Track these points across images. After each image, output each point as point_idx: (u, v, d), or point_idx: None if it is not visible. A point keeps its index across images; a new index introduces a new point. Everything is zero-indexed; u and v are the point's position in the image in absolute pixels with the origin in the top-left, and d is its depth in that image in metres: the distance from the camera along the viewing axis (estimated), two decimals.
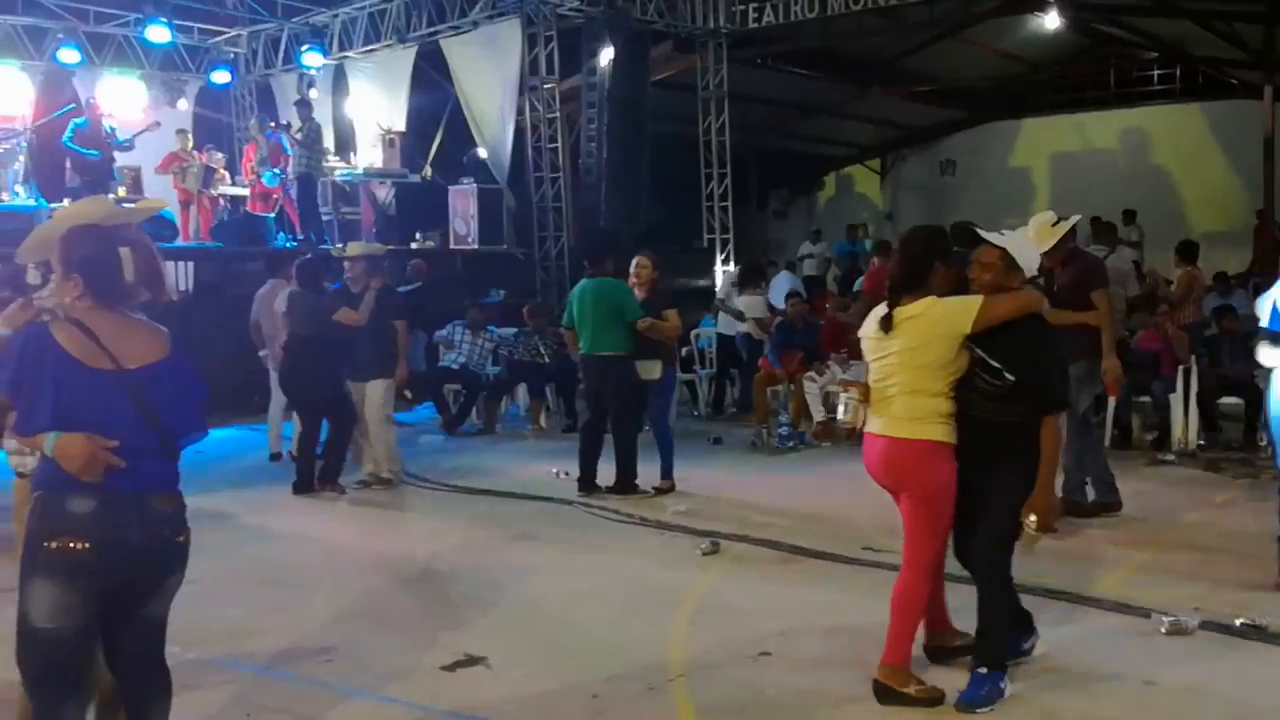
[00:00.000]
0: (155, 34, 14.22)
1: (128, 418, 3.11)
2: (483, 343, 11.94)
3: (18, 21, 14.48)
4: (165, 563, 3.23)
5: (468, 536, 7.19)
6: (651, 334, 8.09)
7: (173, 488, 3.26)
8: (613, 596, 5.79)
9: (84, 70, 14.78)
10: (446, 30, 15.17)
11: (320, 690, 4.57)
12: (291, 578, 6.20)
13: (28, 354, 3.10)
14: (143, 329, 3.25)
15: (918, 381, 4.19)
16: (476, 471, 9.29)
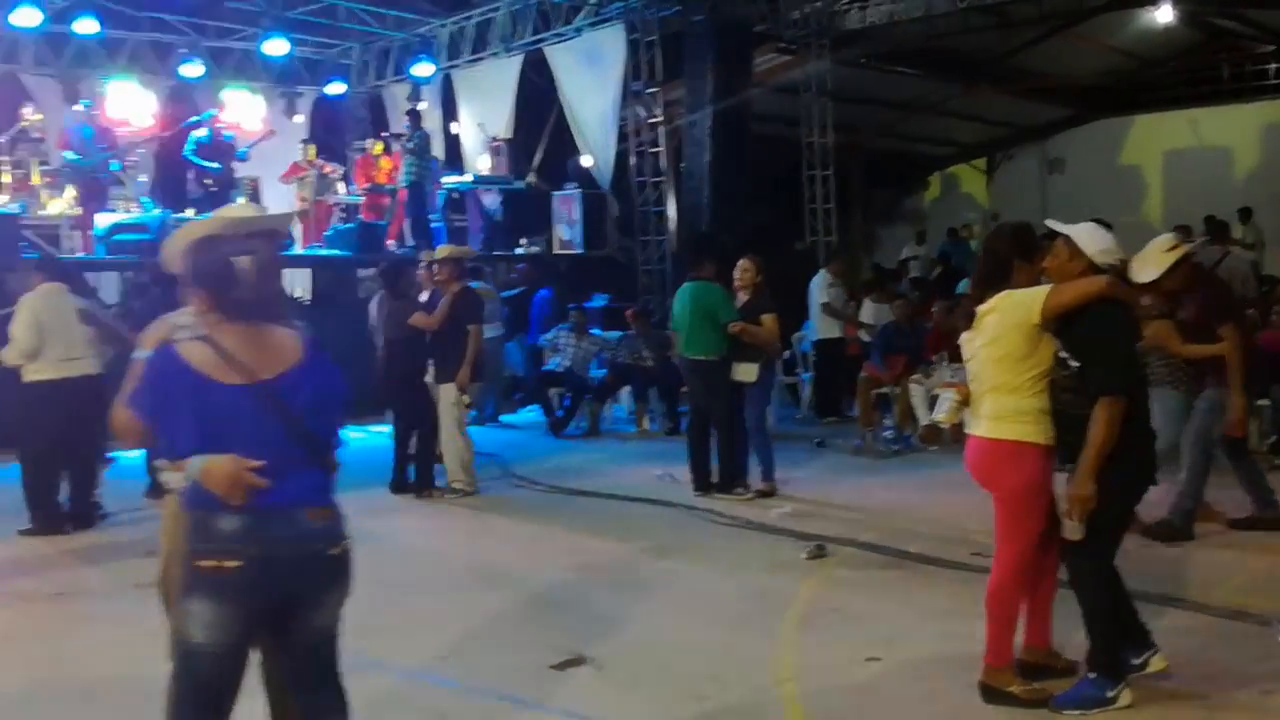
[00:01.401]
0: (274, 47, 14.67)
1: (271, 430, 3.02)
2: (587, 346, 12.12)
3: (144, 37, 15.09)
4: (321, 578, 3.10)
5: (573, 538, 7.31)
6: (744, 338, 8.12)
7: (325, 499, 3.13)
8: (719, 599, 5.84)
9: (205, 84, 15.34)
10: (551, 38, 15.40)
11: (435, 687, 4.70)
12: (401, 578, 6.28)
13: (157, 377, 3.07)
14: (274, 335, 3.14)
15: (998, 377, 4.22)
16: (581, 473, 9.41)
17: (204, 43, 15.28)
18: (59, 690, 4.77)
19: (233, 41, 15.88)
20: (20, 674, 4.96)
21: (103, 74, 14.62)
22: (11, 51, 14.24)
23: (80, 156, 12.53)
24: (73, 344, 7.55)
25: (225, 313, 3.09)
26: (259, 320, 3.13)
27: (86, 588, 6.45)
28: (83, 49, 14.43)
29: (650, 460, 9.76)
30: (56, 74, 14.26)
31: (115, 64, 14.90)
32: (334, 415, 3.21)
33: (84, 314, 7.66)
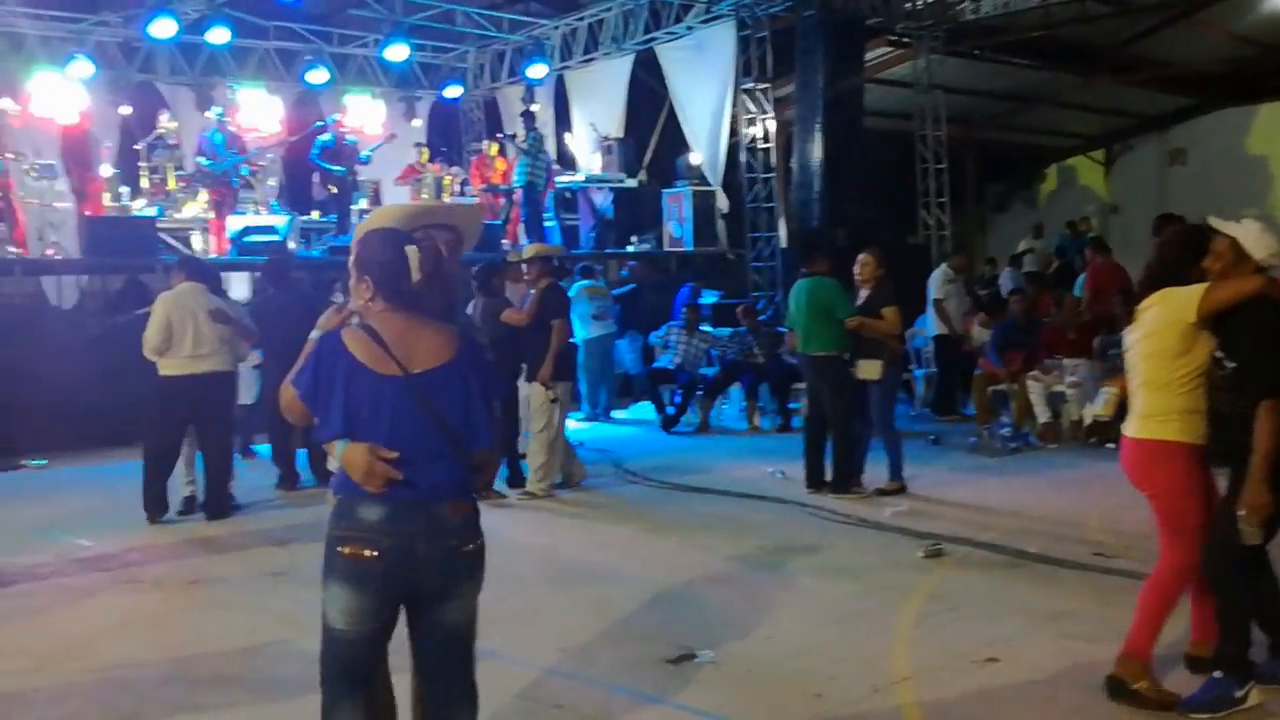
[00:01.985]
0: (395, 53, 15.06)
1: (415, 423, 3.07)
2: (697, 343, 12.20)
3: (270, 45, 15.63)
4: (454, 572, 3.14)
5: (685, 534, 7.36)
6: (863, 332, 8.07)
7: (463, 495, 3.18)
8: (834, 597, 5.85)
9: (329, 90, 15.84)
10: (662, 37, 15.50)
11: (552, 679, 4.78)
12: (516, 571, 6.35)
13: (321, 361, 3.12)
14: (431, 330, 3.18)
15: (1150, 372, 4.19)
16: (692, 470, 9.46)
17: (328, 50, 15.76)
18: (196, 673, 4.99)
19: (355, 48, 16.35)
20: (159, 657, 5.21)
21: (233, 82, 15.20)
22: (149, 62, 14.89)
23: (213, 162, 13.05)
24: (201, 341, 7.85)
25: (389, 302, 3.17)
26: (421, 313, 3.19)
27: (220, 575, 6.70)
28: (214, 58, 15.02)
29: (761, 457, 9.79)
30: (190, 82, 14.89)
31: (244, 72, 15.48)
32: (479, 413, 3.19)
33: (216, 313, 7.93)
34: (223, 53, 14.97)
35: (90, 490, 9.28)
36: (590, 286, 12.37)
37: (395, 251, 3.16)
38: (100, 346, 10.64)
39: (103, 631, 5.63)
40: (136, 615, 5.95)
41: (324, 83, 15.49)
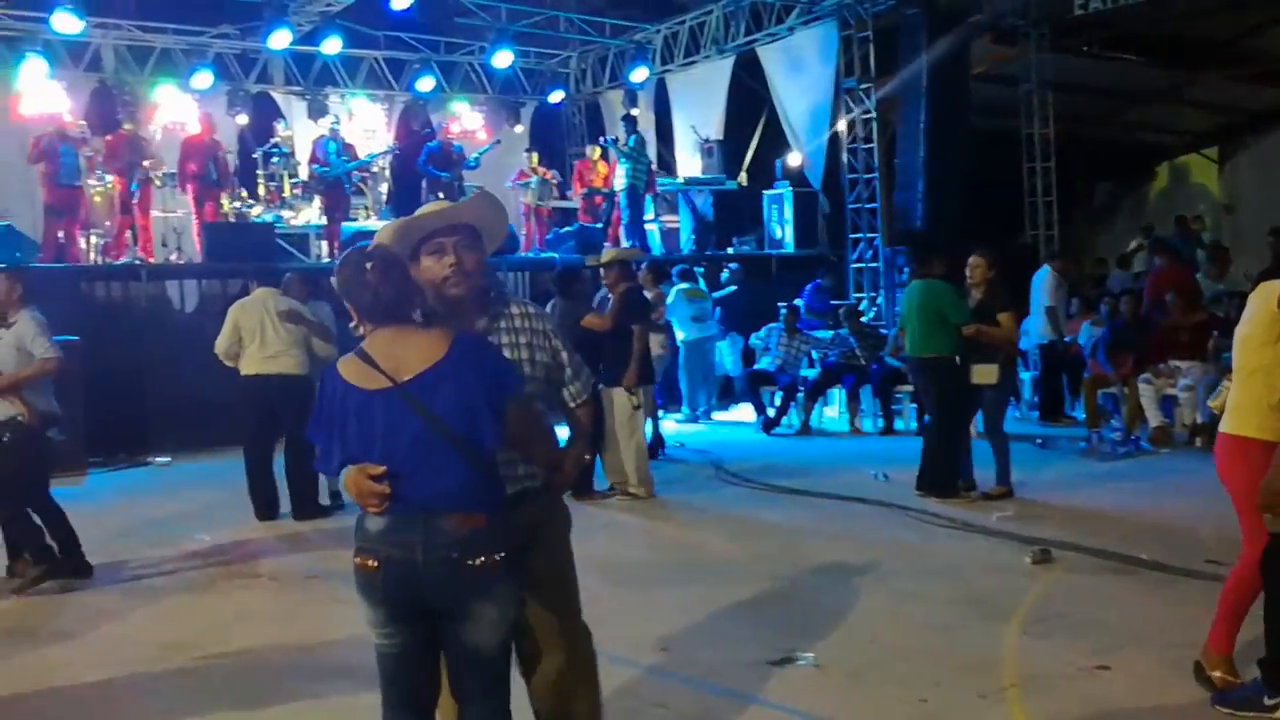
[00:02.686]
0: (500, 59, 15.34)
1: (407, 432, 2.94)
2: (798, 344, 12.17)
3: (380, 55, 16.04)
4: (459, 588, 2.95)
5: (787, 536, 7.36)
6: (981, 338, 7.99)
7: (469, 504, 2.97)
8: (939, 601, 5.81)
9: (436, 97, 16.20)
10: (763, 38, 15.51)
11: (655, 678, 4.84)
12: (616, 571, 6.39)
13: (323, 395, 3.07)
14: (417, 335, 3.04)
15: (1239, 359, 4.19)
16: (793, 472, 9.44)
17: (435, 58, 16.12)
18: (313, 664, 5.18)
19: (461, 56, 16.69)
20: (277, 648, 5.42)
21: (344, 91, 15.64)
22: (265, 72, 15.41)
23: (326, 169, 13.44)
24: (270, 343, 8.10)
25: (370, 320, 3.08)
26: (397, 322, 3.06)
27: (333, 570, 6.82)
28: (326, 68, 15.48)
29: (863, 460, 9.74)
30: (304, 92, 15.35)
31: (355, 81, 15.91)
32: (483, 413, 2.98)
33: (290, 314, 8.15)
34: (334, 62, 15.41)
35: (210, 487, 9.63)
36: (689, 289, 12.43)
37: (354, 270, 3.05)
38: None
39: (224, 623, 5.87)
40: (255, 608, 6.19)
41: (431, 90, 15.84)
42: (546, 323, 3.49)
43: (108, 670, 5.14)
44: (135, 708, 4.75)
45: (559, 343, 3.48)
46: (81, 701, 4.83)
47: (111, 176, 12.74)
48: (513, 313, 3.44)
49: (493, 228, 3.47)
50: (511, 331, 3.41)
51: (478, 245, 3.34)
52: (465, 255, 3.28)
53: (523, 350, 3.40)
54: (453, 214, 3.36)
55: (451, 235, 3.28)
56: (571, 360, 3.50)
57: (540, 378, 3.43)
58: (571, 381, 3.51)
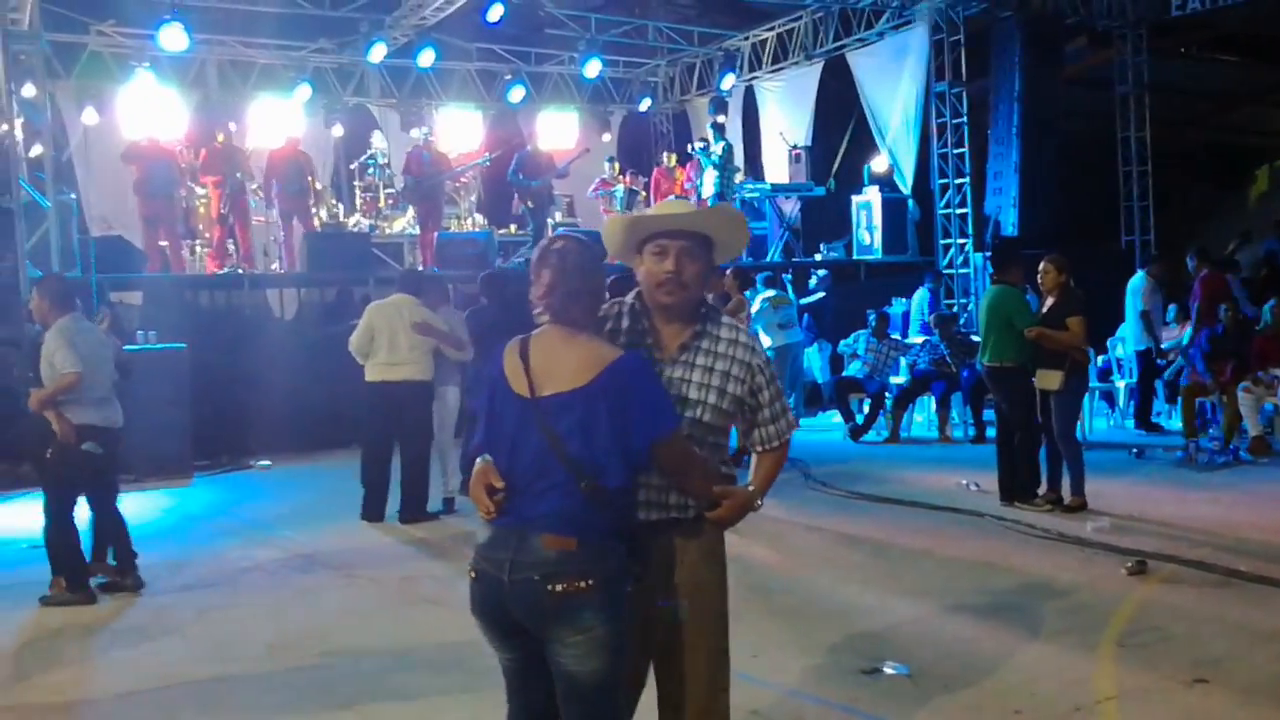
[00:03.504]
0: (589, 69, 15.52)
1: (530, 449, 2.88)
2: (887, 351, 12.11)
3: (472, 67, 16.34)
4: (542, 611, 2.85)
5: (877, 544, 7.34)
6: (1043, 343, 7.88)
7: (569, 528, 2.85)
8: (1034, 613, 5.75)
9: (526, 107, 16.44)
10: (852, 44, 15.46)
11: (747, 685, 4.78)
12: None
13: (482, 377, 3.22)
14: (577, 348, 2.93)
15: None
16: (882, 480, 9.41)
17: (525, 69, 16.36)
18: (413, 663, 5.30)
19: (550, 66, 16.92)
20: (377, 647, 5.56)
21: (437, 103, 15.96)
22: (362, 85, 15.80)
23: (419, 179, 13.72)
24: (397, 349, 8.25)
25: (549, 314, 2.99)
26: (567, 323, 2.97)
27: (430, 573, 7.05)
28: (420, 79, 15.80)
29: (953, 468, 9.66)
30: (398, 104, 15.71)
31: (448, 92, 16.22)
32: (612, 453, 2.88)
33: (420, 325, 8.28)
34: (428, 74, 15.73)
35: (310, 489, 9.92)
36: (776, 296, 12.43)
37: (542, 253, 3.00)
38: (317, 355, 11.34)
39: (326, 622, 6.06)
40: (355, 608, 6.36)
41: (522, 100, 16.09)
42: (757, 356, 3.21)
43: (220, 667, 5.36)
44: (250, 702, 4.93)
45: (763, 379, 3.21)
46: (198, 696, 5.03)
47: (208, 188, 13.18)
48: (720, 335, 3.20)
49: (729, 243, 3.28)
50: (710, 355, 3.18)
51: (703, 256, 3.16)
52: (686, 263, 3.12)
53: (714, 378, 3.16)
54: (688, 219, 3.20)
55: (677, 240, 3.13)
56: (773, 402, 3.24)
57: (728, 410, 3.19)
58: (765, 424, 3.26)
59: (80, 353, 6.32)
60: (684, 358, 3.16)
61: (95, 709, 4.98)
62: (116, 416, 6.57)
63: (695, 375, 3.15)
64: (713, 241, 3.19)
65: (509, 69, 16.24)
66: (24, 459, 8.43)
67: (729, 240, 3.25)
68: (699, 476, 3.12)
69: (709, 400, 3.14)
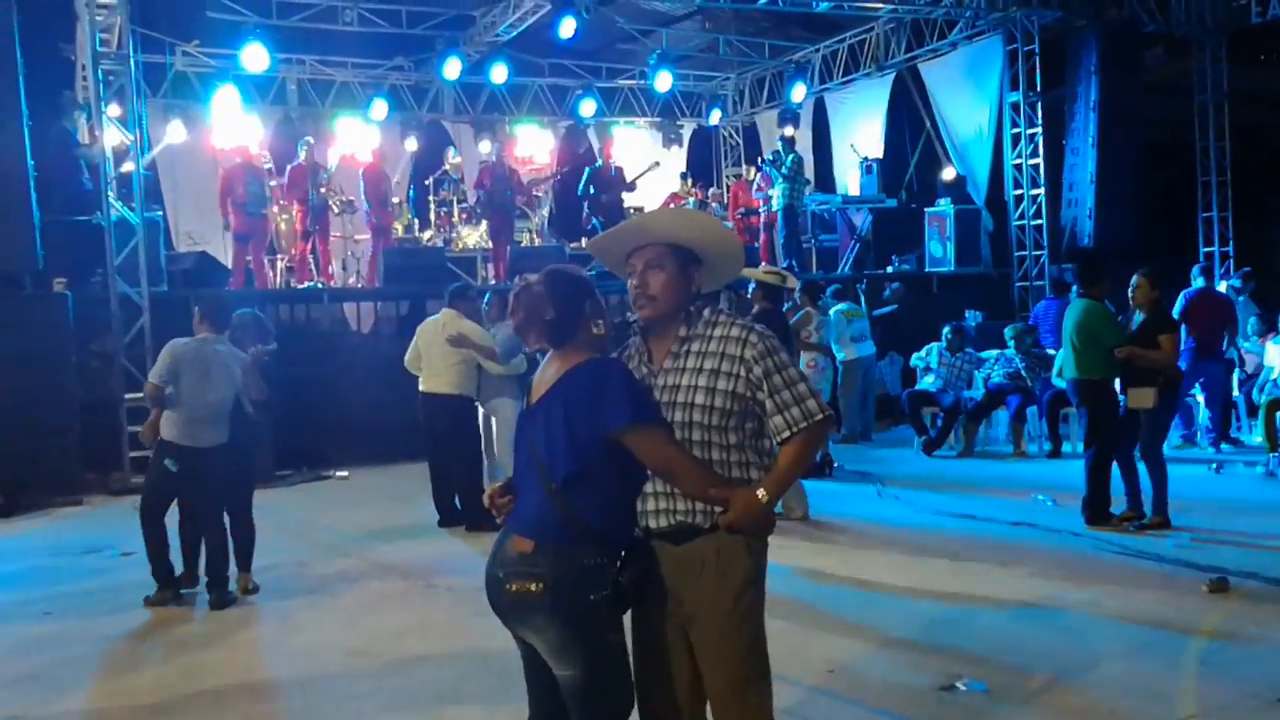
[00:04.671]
0: (661, 82, 15.58)
1: (520, 455, 3.19)
2: (961, 365, 12.01)
3: (545, 82, 16.53)
4: (504, 608, 3.09)
5: (952, 560, 7.28)
6: (1135, 362, 7.76)
7: (529, 530, 3.04)
8: (1114, 630, 5.69)
9: (597, 121, 16.59)
10: (925, 54, 15.39)
11: (825, 701, 4.86)
12: (780, 592, 6.30)
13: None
14: (555, 362, 3.16)
15: None
16: (957, 495, 9.31)
17: (596, 84, 16.51)
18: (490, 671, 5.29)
19: (622, 80, 17.05)
20: (456, 655, 5.67)
21: (510, 118, 16.17)
22: (437, 101, 16.07)
23: (491, 194, 13.92)
24: (433, 363, 8.52)
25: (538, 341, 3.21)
26: (561, 346, 3.17)
27: None
28: (494, 95, 16.03)
29: (1029, 483, 9.55)
30: (471, 120, 15.95)
31: (521, 108, 16.43)
32: (560, 444, 3.04)
33: (454, 339, 8.45)
34: (501, 90, 15.94)
35: (386, 500, 10.09)
36: (848, 308, 12.41)
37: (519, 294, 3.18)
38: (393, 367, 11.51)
39: (404, 630, 6.16)
40: (433, 617, 6.46)
41: (593, 114, 16.24)
42: (750, 349, 3.13)
43: (302, 672, 5.50)
44: (331, 709, 5.05)
45: (762, 368, 3.13)
46: (281, 699, 5.19)
47: (293, 205, 13.51)
48: (711, 335, 3.19)
49: (706, 244, 3.24)
50: (699, 356, 3.18)
51: (671, 264, 3.18)
52: (650, 276, 3.18)
53: (701, 377, 3.14)
54: (635, 228, 3.27)
55: (644, 253, 3.20)
56: (779, 390, 3.13)
57: (724, 407, 3.14)
58: (772, 414, 3.15)
59: (177, 369, 6.52)
60: (672, 364, 3.19)
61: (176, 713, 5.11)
62: (206, 438, 6.67)
63: (684, 379, 3.16)
64: (688, 247, 3.20)
65: (580, 84, 16.41)
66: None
67: (707, 244, 3.23)
68: (692, 478, 3.08)
69: (696, 400, 3.13)
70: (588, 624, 3.02)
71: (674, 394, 3.17)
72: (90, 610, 6.72)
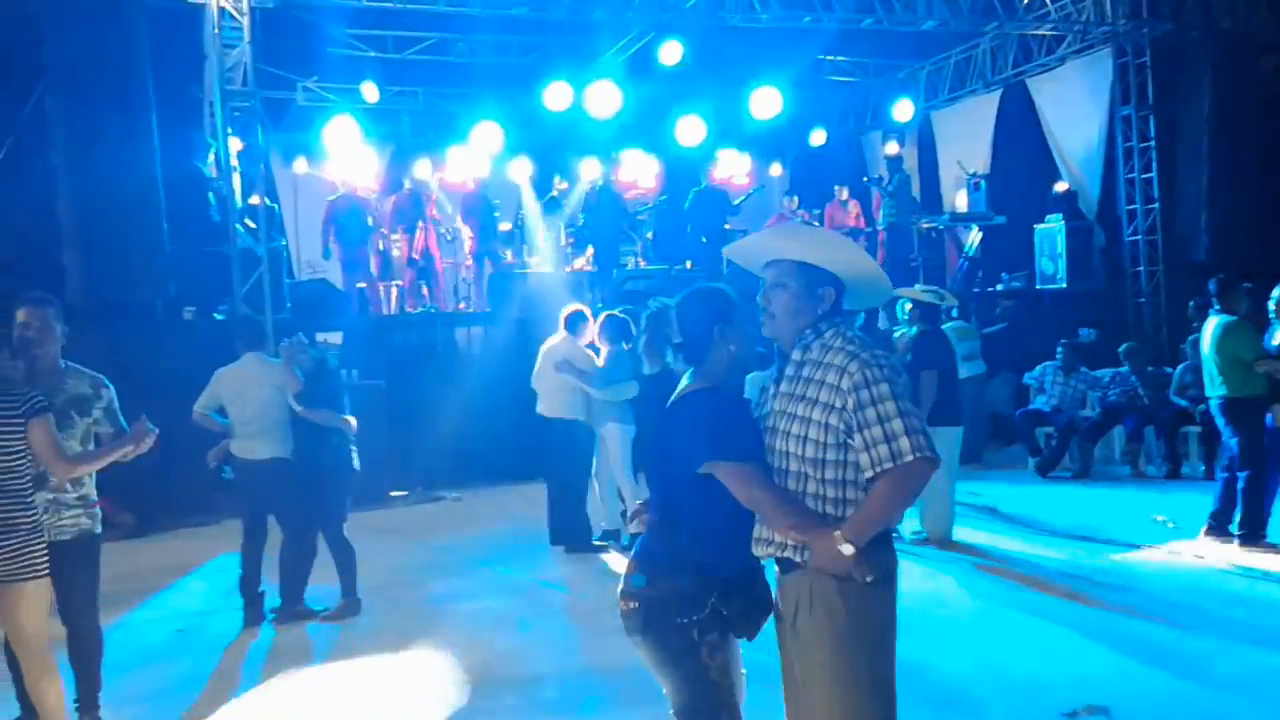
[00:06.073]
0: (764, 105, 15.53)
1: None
2: (1075, 384, 11.80)
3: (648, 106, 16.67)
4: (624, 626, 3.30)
5: (1072, 583, 7.16)
6: (1277, 375, 7.56)
7: (638, 551, 3.33)
8: (1241, 656, 5.57)
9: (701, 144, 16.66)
10: (1033, 69, 15.19)
11: None
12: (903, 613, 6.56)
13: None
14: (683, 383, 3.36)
15: None
16: (1074, 516, 9.17)
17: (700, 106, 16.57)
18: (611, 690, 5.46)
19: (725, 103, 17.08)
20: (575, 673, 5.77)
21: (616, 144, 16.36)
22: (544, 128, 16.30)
23: (597, 218, 14.11)
24: (542, 385, 8.78)
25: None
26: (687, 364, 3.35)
27: None
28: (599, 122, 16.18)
29: (1148, 505, 9.34)
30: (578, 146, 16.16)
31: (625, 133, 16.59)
32: (656, 470, 3.35)
33: (559, 364, 8.60)
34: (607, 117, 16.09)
35: (499, 520, 10.28)
36: (959, 327, 12.26)
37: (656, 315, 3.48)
38: (505, 390, 11.75)
39: (525, 649, 6.31)
40: (551, 637, 6.57)
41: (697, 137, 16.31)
42: (848, 378, 2.99)
43: (424, 693, 5.66)
44: None
45: (854, 401, 2.99)
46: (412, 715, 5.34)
47: (402, 232, 13.90)
48: (821, 360, 3.09)
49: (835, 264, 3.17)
50: (803, 383, 3.10)
51: (792, 283, 3.14)
52: (774, 294, 3.16)
53: (801, 406, 3.08)
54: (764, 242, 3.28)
55: (771, 269, 3.20)
56: (871, 425, 2.97)
57: (819, 440, 3.04)
58: (861, 450, 2.99)
59: (217, 393, 7.08)
60: (786, 388, 3.15)
61: None
62: (256, 451, 7.00)
63: (788, 405, 3.10)
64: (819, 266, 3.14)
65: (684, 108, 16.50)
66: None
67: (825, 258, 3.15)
68: (773, 516, 3.06)
69: (793, 430, 3.07)
70: (679, 647, 3.14)
71: (778, 420, 3.14)
72: (217, 627, 7.00)
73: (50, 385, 4.73)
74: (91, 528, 4.89)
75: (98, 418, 4.93)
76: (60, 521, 4.76)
